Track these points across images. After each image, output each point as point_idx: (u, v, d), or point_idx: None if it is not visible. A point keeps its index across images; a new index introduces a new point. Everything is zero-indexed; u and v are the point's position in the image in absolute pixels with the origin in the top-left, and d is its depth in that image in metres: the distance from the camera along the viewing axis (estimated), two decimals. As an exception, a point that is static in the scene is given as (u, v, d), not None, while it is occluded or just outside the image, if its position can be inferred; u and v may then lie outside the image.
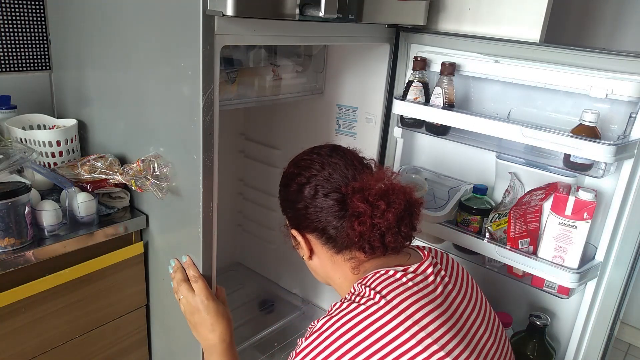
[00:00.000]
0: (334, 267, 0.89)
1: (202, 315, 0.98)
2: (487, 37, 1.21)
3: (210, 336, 0.97)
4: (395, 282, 0.78)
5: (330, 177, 0.86)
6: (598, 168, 1.07)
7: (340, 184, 0.85)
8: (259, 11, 0.91)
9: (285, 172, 0.94)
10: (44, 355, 1.03)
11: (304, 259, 0.94)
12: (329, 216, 0.84)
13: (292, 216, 0.91)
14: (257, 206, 1.84)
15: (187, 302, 1.00)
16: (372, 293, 0.76)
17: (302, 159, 0.91)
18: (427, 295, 0.78)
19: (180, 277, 1.02)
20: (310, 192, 0.85)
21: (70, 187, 0.99)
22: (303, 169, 0.88)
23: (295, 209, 0.88)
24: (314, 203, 0.85)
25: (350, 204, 0.82)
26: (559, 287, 1.19)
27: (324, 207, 0.85)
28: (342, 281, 0.90)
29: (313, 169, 0.87)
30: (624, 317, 2.39)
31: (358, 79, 1.42)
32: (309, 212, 0.86)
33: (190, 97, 0.91)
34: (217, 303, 0.99)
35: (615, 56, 1.04)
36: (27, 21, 1.29)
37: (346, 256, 0.87)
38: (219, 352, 0.97)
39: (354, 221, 0.81)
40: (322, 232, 0.86)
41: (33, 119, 1.22)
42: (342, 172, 0.86)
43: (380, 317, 0.73)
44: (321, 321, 0.77)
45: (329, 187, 0.85)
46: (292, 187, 0.89)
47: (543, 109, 1.19)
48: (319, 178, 0.86)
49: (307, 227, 0.88)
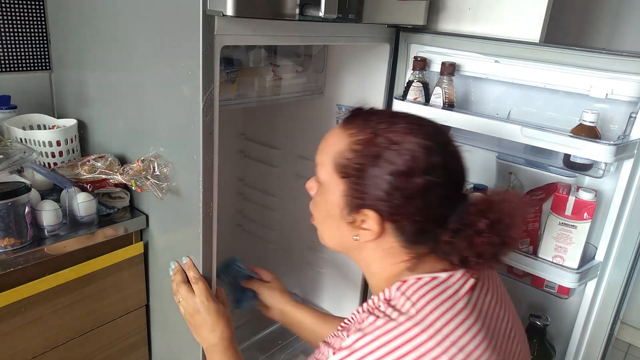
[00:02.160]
0: (384, 259, 0.77)
1: (202, 316, 0.97)
2: (487, 37, 1.21)
3: (210, 336, 0.97)
4: (436, 294, 0.69)
5: (445, 169, 0.73)
6: (598, 168, 1.07)
7: (455, 183, 0.74)
8: (258, 11, 0.91)
9: (383, 136, 0.73)
10: (44, 355, 1.03)
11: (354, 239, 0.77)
12: (432, 218, 0.73)
13: (378, 196, 0.72)
14: (257, 206, 1.84)
15: (187, 303, 0.99)
16: (407, 305, 0.68)
17: (413, 139, 0.72)
18: (463, 309, 0.69)
19: (180, 278, 1.02)
20: (430, 189, 0.71)
21: (70, 187, 0.99)
22: (416, 150, 0.71)
23: (389, 190, 0.71)
24: (427, 199, 0.71)
25: (474, 216, 0.72)
26: (559, 287, 1.19)
27: (434, 208, 0.72)
28: (381, 270, 0.78)
29: (435, 156, 0.72)
30: (624, 317, 2.39)
31: (358, 79, 1.42)
32: (407, 199, 0.71)
33: (190, 97, 0.91)
34: (217, 304, 0.99)
35: (615, 56, 1.04)
36: (27, 21, 1.29)
37: (411, 251, 0.76)
38: (220, 351, 0.97)
39: (475, 237, 0.71)
40: (409, 227, 0.73)
41: (33, 119, 1.22)
42: (457, 169, 0.75)
43: (415, 335, 0.65)
44: (351, 337, 0.68)
45: (441, 179, 0.72)
46: (398, 163, 0.71)
47: (543, 109, 1.19)
48: (433, 165, 0.71)
49: (392, 215, 0.73)
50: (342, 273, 1.61)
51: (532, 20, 1.19)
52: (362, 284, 1.55)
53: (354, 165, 0.74)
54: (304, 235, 1.69)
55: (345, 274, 1.59)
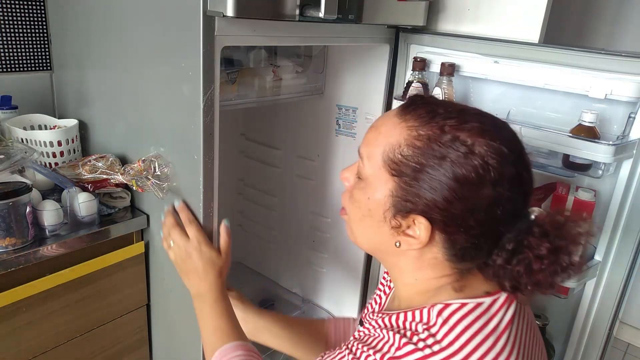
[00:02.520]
0: (423, 268, 0.68)
1: (194, 262, 0.92)
2: (486, 38, 1.22)
3: (200, 284, 0.92)
4: (480, 326, 0.62)
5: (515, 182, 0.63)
6: (597, 168, 1.08)
7: (521, 199, 0.65)
8: (259, 12, 0.91)
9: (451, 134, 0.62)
10: (45, 355, 1.03)
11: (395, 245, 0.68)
12: (489, 226, 0.63)
13: (436, 203, 0.63)
14: (258, 206, 1.84)
15: (179, 247, 0.94)
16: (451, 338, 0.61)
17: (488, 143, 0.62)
18: (505, 345, 0.63)
19: (172, 221, 0.96)
20: (488, 190, 0.61)
21: (71, 187, 0.99)
22: (489, 155, 0.61)
23: (450, 199, 0.62)
24: (482, 203, 0.62)
25: (535, 239, 0.63)
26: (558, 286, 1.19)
27: (492, 216, 0.63)
28: (417, 283, 0.70)
29: (503, 163, 0.62)
30: (623, 317, 2.39)
31: (358, 79, 1.43)
32: (468, 210, 0.62)
33: (191, 98, 0.92)
34: (211, 250, 0.94)
35: (615, 56, 1.05)
36: (28, 21, 1.30)
37: (457, 267, 0.67)
38: (211, 301, 0.91)
39: (532, 262, 0.62)
40: (460, 238, 0.64)
41: (34, 119, 1.22)
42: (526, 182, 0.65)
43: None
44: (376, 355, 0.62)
45: (510, 193, 0.62)
46: (466, 169, 0.61)
47: (542, 109, 1.20)
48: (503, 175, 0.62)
49: (447, 225, 0.64)
50: (342, 273, 1.61)
51: (532, 20, 1.19)
52: (362, 284, 1.55)
53: (411, 164, 0.63)
54: (304, 235, 1.69)
55: (346, 273, 1.60)
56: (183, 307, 1.09)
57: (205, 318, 0.91)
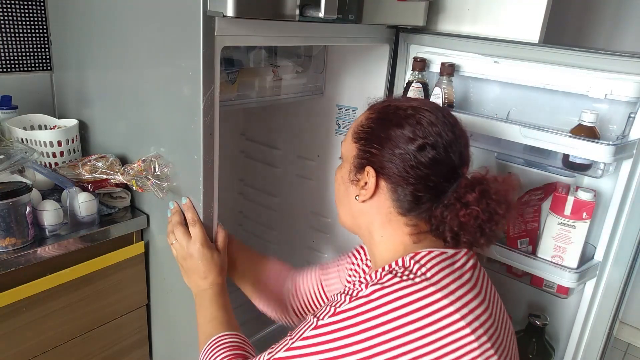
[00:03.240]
0: (384, 224, 0.81)
1: (195, 262, 0.95)
2: (486, 38, 1.22)
3: (201, 283, 0.96)
4: (448, 268, 0.74)
5: (449, 147, 0.76)
6: (597, 168, 1.08)
7: (456, 161, 0.77)
8: (259, 12, 0.91)
9: (396, 106, 0.80)
10: (45, 355, 1.03)
11: (356, 199, 0.82)
12: (423, 182, 0.76)
13: (380, 155, 0.78)
14: (258, 206, 1.84)
15: (181, 246, 0.97)
16: (427, 273, 0.72)
17: (425, 109, 0.78)
18: (469, 280, 0.75)
19: (177, 219, 0.99)
20: (422, 149, 0.75)
21: (71, 187, 0.99)
22: (425, 121, 0.77)
23: (392, 151, 0.77)
24: (419, 160, 0.75)
25: (462, 188, 0.76)
26: (558, 286, 1.19)
27: (426, 172, 0.75)
28: (383, 240, 0.82)
29: (436, 127, 0.76)
30: (623, 317, 2.39)
31: (358, 79, 1.43)
32: (406, 165, 0.76)
33: (191, 98, 0.92)
34: (212, 250, 0.97)
35: (615, 56, 1.04)
36: (28, 21, 1.30)
37: (409, 221, 0.79)
38: (209, 297, 0.94)
39: (461, 208, 0.75)
40: (402, 190, 0.77)
41: (34, 119, 1.22)
42: (461, 151, 0.78)
43: (430, 295, 0.69)
44: (370, 288, 0.71)
45: (444, 155, 0.76)
46: (404, 129, 0.76)
47: (542, 109, 1.20)
48: (438, 140, 0.76)
49: (390, 176, 0.78)
50: (342, 273, 1.61)
51: (532, 20, 1.19)
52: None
53: (366, 129, 0.81)
54: (304, 235, 1.69)
55: (345, 273, 1.59)
56: (183, 307, 1.09)
57: (203, 309, 0.95)
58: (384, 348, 0.67)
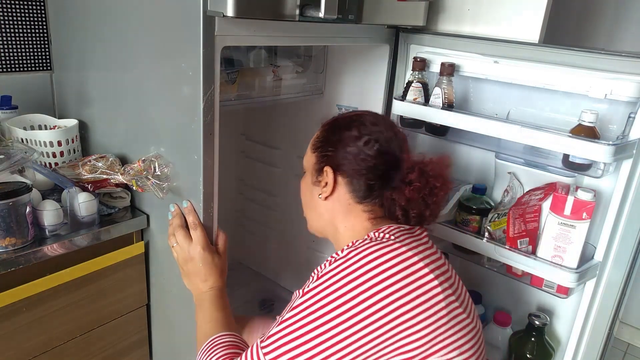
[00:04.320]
0: (346, 214, 0.91)
1: (196, 265, 0.97)
2: (486, 38, 1.22)
3: (201, 286, 0.97)
4: (409, 234, 0.84)
5: (390, 140, 0.90)
6: (597, 168, 1.08)
7: (396, 150, 0.90)
8: (259, 12, 0.91)
9: (343, 117, 0.96)
10: (45, 355, 1.03)
11: (319, 198, 0.93)
12: (372, 171, 0.88)
13: (334, 156, 0.91)
14: (258, 206, 1.84)
15: (182, 249, 0.98)
16: (392, 237, 0.81)
17: (366, 114, 0.94)
18: (429, 248, 0.84)
19: (178, 222, 1.00)
20: (368, 144, 0.88)
21: (71, 187, 0.99)
22: (369, 122, 0.91)
23: (344, 150, 0.90)
24: (366, 153, 0.88)
25: (404, 170, 0.88)
26: (558, 286, 1.19)
27: (373, 161, 0.88)
28: (347, 230, 0.92)
29: (378, 126, 0.91)
30: (623, 317, 2.39)
31: (358, 79, 1.43)
32: (357, 158, 0.88)
33: (191, 98, 0.92)
34: (213, 254, 0.99)
35: (614, 56, 1.05)
36: (28, 21, 1.30)
37: (366, 207, 0.90)
38: (209, 299, 0.96)
39: (405, 187, 0.87)
40: (357, 180, 0.89)
41: (34, 119, 1.22)
42: (400, 144, 0.91)
43: (404, 252, 0.78)
44: (346, 251, 0.79)
45: (386, 146, 0.89)
46: (351, 131, 0.90)
47: (542, 109, 1.20)
48: (380, 135, 0.89)
49: (345, 171, 0.90)
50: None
51: (532, 20, 1.20)
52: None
53: (321, 138, 0.95)
54: (304, 235, 1.69)
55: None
56: (183, 307, 1.09)
57: (202, 311, 0.96)
58: (365, 297, 0.74)
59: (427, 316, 0.75)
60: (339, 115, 0.98)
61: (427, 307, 0.75)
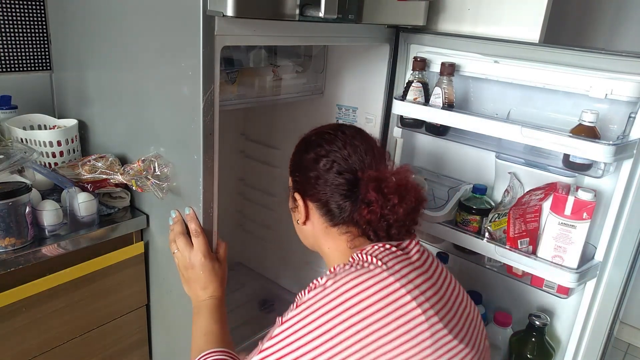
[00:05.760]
0: (326, 237, 0.91)
1: (197, 272, 0.97)
2: (486, 38, 1.22)
3: (201, 293, 0.97)
4: (393, 255, 0.81)
5: (349, 157, 0.87)
6: (597, 168, 1.08)
7: (357, 167, 0.86)
8: (259, 11, 0.91)
9: (306, 137, 0.95)
10: (45, 355, 1.03)
11: (298, 223, 0.95)
12: (336, 193, 0.86)
13: (300, 181, 0.91)
14: (258, 206, 1.84)
15: (183, 256, 0.98)
16: (375, 260, 0.79)
17: (326, 132, 0.92)
18: (418, 267, 0.82)
19: (180, 229, 1.00)
20: (325, 166, 0.87)
21: (70, 187, 0.99)
22: (325, 142, 0.89)
23: (306, 175, 0.89)
24: (326, 176, 0.87)
25: (363, 190, 0.84)
26: (558, 286, 1.19)
27: (334, 183, 0.86)
28: (332, 251, 0.92)
29: (335, 145, 0.88)
30: (624, 317, 2.39)
31: (358, 79, 1.43)
32: (318, 182, 0.87)
33: (191, 97, 0.92)
34: (214, 262, 0.98)
35: (615, 56, 1.04)
36: (28, 21, 1.30)
37: (342, 230, 0.89)
38: (208, 308, 0.96)
39: (364, 208, 0.83)
40: (324, 205, 0.88)
41: (34, 119, 1.22)
42: (361, 157, 0.87)
43: (384, 278, 0.76)
44: (325, 278, 0.78)
45: (345, 166, 0.86)
46: (309, 154, 0.90)
47: (542, 109, 1.19)
48: (337, 155, 0.87)
49: (311, 196, 0.90)
50: (342, 273, 1.61)
51: (532, 20, 1.19)
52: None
53: (291, 162, 0.95)
54: (304, 235, 1.69)
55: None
56: (183, 307, 1.09)
57: (200, 320, 0.96)
58: (341, 329, 0.72)
59: (409, 347, 0.73)
60: (305, 134, 0.96)
61: (409, 338, 0.73)
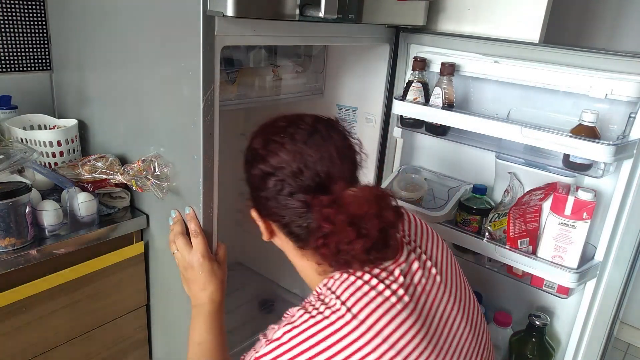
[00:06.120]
0: (296, 258, 0.84)
1: (195, 273, 0.96)
2: (486, 38, 1.22)
3: (200, 294, 0.96)
4: (362, 292, 0.71)
5: (299, 174, 0.73)
6: (597, 168, 1.07)
7: (311, 185, 0.73)
8: (259, 11, 0.91)
9: (251, 143, 0.80)
10: (45, 355, 1.03)
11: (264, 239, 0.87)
12: (294, 216, 0.75)
13: (254, 198, 0.80)
14: (257, 206, 1.83)
15: (182, 256, 0.97)
16: (337, 303, 0.70)
17: (272, 138, 0.77)
18: (394, 305, 0.71)
19: (179, 229, 0.99)
20: (276, 186, 0.75)
21: (70, 187, 0.99)
22: (270, 153, 0.75)
23: (257, 195, 0.78)
24: (278, 199, 0.75)
25: (315, 216, 0.72)
26: (558, 286, 1.19)
27: (290, 206, 0.75)
28: (302, 270, 0.85)
29: (281, 156, 0.74)
30: (623, 317, 2.39)
31: (358, 79, 1.43)
32: (271, 204, 0.76)
33: (191, 98, 0.92)
34: (213, 262, 0.97)
35: (615, 56, 1.04)
36: (28, 21, 1.30)
37: (307, 253, 0.80)
38: (205, 312, 0.95)
39: (319, 239, 0.72)
40: (285, 226, 0.78)
41: (34, 119, 1.22)
42: (314, 171, 0.73)
43: (346, 334, 0.68)
44: (282, 330, 0.72)
45: (296, 186, 0.73)
46: (255, 169, 0.77)
47: (542, 109, 1.19)
48: (286, 172, 0.74)
49: (268, 216, 0.80)
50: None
51: (532, 20, 1.19)
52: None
53: (244, 171, 0.84)
54: (304, 235, 1.69)
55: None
56: (183, 307, 1.09)
57: (197, 325, 0.95)
58: None
59: None
60: (253, 134, 0.82)
61: None
